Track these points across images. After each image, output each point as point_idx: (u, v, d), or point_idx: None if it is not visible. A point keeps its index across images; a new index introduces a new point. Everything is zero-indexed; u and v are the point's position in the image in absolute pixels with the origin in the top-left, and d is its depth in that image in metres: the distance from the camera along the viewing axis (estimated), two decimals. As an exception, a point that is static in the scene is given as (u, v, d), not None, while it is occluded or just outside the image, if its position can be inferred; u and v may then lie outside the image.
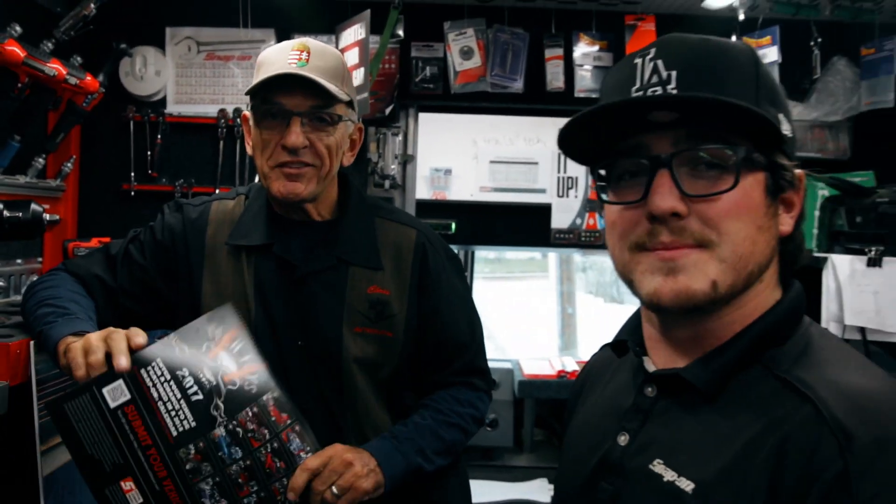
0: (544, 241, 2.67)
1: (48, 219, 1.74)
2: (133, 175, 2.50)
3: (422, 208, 2.64)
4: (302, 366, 1.33)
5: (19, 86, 1.92)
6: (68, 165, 2.33)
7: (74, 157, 2.38)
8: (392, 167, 2.61)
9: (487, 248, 3.14)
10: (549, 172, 2.65)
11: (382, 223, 1.41)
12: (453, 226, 2.64)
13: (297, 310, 1.34)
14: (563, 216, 2.65)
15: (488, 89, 2.54)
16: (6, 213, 1.64)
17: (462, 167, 2.66)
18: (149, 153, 2.50)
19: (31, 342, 1.29)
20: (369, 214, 1.42)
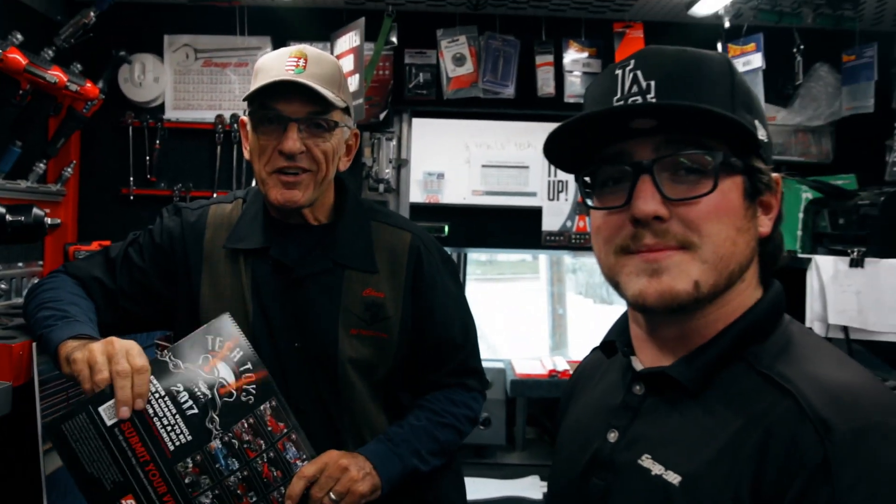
0: (535, 244, 2.69)
1: (49, 222, 1.75)
2: (132, 179, 2.52)
3: (415, 211, 2.65)
4: (300, 368, 1.34)
5: (21, 93, 1.94)
6: (68, 170, 2.35)
7: (74, 162, 2.40)
8: (386, 171, 2.63)
9: (480, 251, 3.16)
10: (540, 176, 2.68)
11: (378, 226, 1.42)
12: (446, 228, 2.66)
13: (294, 312, 1.34)
14: (554, 219, 2.67)
15: (480, 95, 2.57)
16: (8, 217, 1.66)
17: (455, 171, 2.68)
18: (147, 158, 2.52)
19: (34, 344, 1.30)
20: (365, 218, 1.42)
